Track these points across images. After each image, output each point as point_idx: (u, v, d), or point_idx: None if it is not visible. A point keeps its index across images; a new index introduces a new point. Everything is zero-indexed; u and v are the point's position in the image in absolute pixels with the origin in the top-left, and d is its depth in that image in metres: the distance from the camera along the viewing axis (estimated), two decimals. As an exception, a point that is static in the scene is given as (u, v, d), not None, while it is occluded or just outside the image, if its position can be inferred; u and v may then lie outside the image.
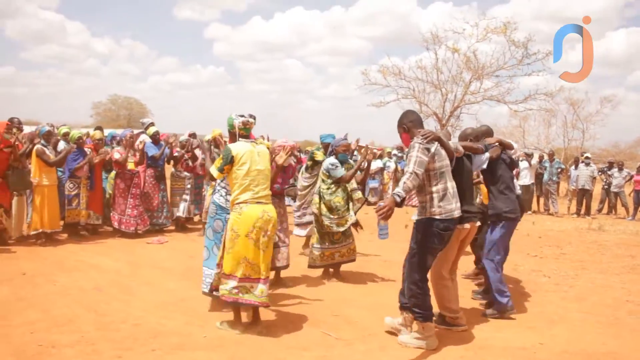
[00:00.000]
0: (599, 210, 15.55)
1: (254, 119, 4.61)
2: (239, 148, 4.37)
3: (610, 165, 15.71)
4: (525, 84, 21.28)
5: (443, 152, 4.17)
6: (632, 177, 15.12)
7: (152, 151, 8.83)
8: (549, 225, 12.58)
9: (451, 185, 4.17)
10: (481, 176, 5.48)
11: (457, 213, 4.14)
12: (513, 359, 4.04)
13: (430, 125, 18.21)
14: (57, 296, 5.17)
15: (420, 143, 3.99)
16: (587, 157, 15.31)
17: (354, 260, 6.57)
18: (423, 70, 17.52)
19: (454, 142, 4.67)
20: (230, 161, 4.32)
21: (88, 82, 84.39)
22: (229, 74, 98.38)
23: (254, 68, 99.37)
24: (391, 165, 15.45)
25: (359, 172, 6.39)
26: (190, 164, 9.52)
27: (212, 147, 9.15)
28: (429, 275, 4.27)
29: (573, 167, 15.52)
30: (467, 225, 4.48)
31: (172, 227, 9.44)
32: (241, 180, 4.32)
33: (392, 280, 6.33)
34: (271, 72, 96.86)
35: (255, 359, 3.83)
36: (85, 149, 8.17)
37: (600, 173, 15.43)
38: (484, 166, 5.07)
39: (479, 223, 4.70)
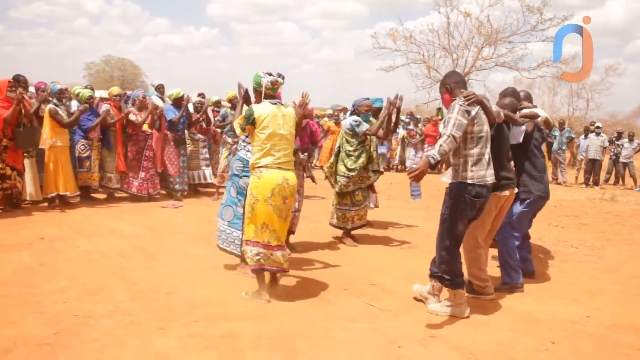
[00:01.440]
0: (606, 181, 15.46)
1: (283, 78, 4.31)
2: (262, 109, 4.12)
3: (619, 135, 15.56)
4: (537, 50, 20.96)
5: (484, 116, 3.99)
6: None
7: (171, 115, 8.51)
8: (560, 194, 12.44)
9: (487, 151, 3.97)
10: None
11: (489, 179, 3.94)
12: (565, 332, 3.90)
13: (436, 92, 17.90)
14: (81, 262, 4.96)
15: (461, 105, 3.81)
16: (597, 127, 15.11)
17: (364, 225, 6.52)
18: (435, 33, 17.05)
19: (495, 108, 4.43)
20: (252, 122, 4.09)
21: (79, 42, 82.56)
22: (223, 36, 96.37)
23: (249, 30, 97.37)
24: (400, 131, 15.19)
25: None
26: (204, 125, 9.22)
27: (230, 108, 8.92)
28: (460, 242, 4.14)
29: (582, 136, 15.35)
30: (506, 192, 4.31)
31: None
32: (262, 144, 4.09)
33: (419, 248, 6.24)
34: (266, 34, 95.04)
35: (302, 330, 3.65)
36: (104, 107, 7.82)
37: (609, 143, 15.28)
38: (520, 139, 4.85)
39: (516, 190, 4.53)
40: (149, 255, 5.34)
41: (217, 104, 10.36)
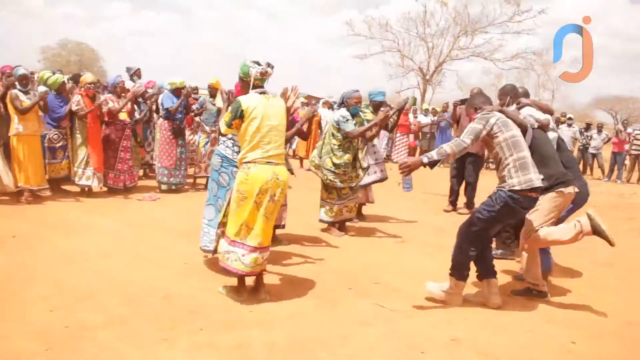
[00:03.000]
0: (575, 171, 15.71)
1: (272, 68, 4.02)
2: (250, 101, 3.82)
3: (588, 127, 15.85)
4: (511, 42, 21.15)
5: (510, 121, 4.00)
6: (610, 139, 15.30)
7: (169, 103, 8.02)
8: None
9: (528, 154, 3.92)
10: None
11: (537, 182, 3.86)
12: (583, 331, 3.78)
13: (412, 80, 17.85)
14: (62, 264, 4.53)
15: (480, 115, 3.93)
16: (569, 118, 15.32)
17: (353, 218, 6.49)
18: (411, 21, 16.89)
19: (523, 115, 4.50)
20: (239, 115, 3.80)
21: (31, 24, 78.73)
22: (184, 22, 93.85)
23: (211, 16, 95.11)
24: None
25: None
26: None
27: (209, 98, 8.52)
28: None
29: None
30: (574, 189, 4.32)
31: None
32: (250, 137, 3.80)
33: (412, 242, 6.14)
34: (229, 21, 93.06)
35: (316, 337, 3.40)
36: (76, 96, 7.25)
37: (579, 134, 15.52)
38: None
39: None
40: (135, 254, 4.95)
41: (195, 91, 9.89)
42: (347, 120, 5.85)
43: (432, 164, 3.88)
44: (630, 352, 3.52)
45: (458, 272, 4.04)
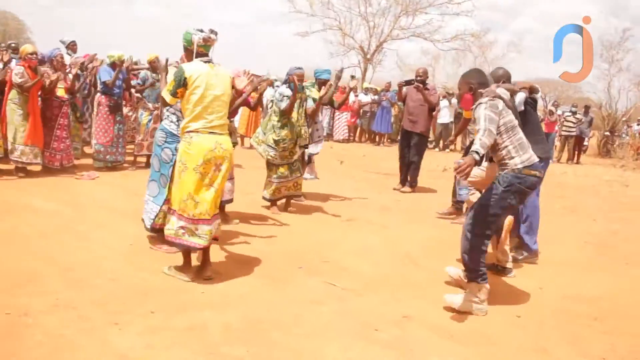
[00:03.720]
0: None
1: (216, 34, 3.95)
2: (193, 69, 3.75)
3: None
4: (450, 23, 21.48)
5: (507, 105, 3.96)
6: (542, 120, 16.02)
7: (106, 76, 7.66)
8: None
9: (522, 135, 3.88)
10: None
11: (535, 158, 3.85)
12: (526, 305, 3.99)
13: (353, 59, 17.91)
14: (-1, 246, 4.30)
15: (485, 104, 3.70)
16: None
17: (300, 195, 6.56)
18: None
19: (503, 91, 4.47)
20: (183, 84, 3.72)
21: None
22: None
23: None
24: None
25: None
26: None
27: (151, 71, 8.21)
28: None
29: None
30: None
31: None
32: (193, 106, 3.74)
33: (358, 221, 6.22)
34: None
35: (270, 318, 3.40)
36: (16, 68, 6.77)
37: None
38: (521, 108, 4.82)
39: None
40: (77, 235, 4.76)
41: (135, 65, 9.46)
42: (283, 98, 5.95)
43: (481, 159, 3.75)
44: (566, 323, 3.75)
45: (475, 273, 3.77)
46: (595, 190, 10.42)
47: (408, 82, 7.81)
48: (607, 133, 18.77)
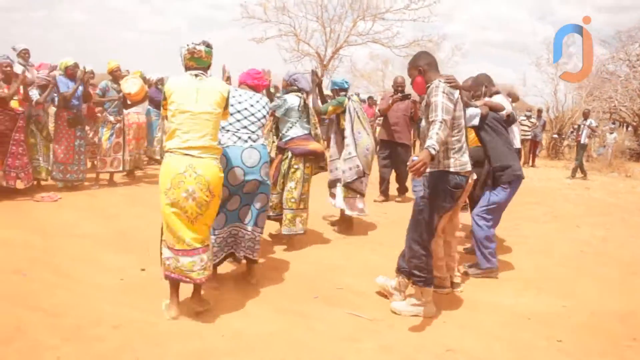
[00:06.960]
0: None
1: (209, 47, 3.58)
2: (172, 83, 3.46)
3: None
4: (407, 29, 21.64)
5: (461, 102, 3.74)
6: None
7: (64, 88, 6.96)
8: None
9: (464, 138, 3.73)
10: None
11: (469, 167, 3.72)
12: (545, 326, 3.79)
13: (307, 65, 17.62)
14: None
15: (444, 88, 3.48)
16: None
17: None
18: (309, 5, 16.61)
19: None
20: (164, 97, 3.46)
21: None
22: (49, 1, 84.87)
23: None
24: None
25: None
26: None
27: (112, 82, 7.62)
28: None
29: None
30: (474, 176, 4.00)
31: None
32: (169, 123, 3.46)
33: (351, 237, 5.98)
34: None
35: (307, 361, 3.02)
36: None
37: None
38: (475, 123, 4.70)
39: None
40: (56, 270, 4.17)
41: (91, 75, 8.56)
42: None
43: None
44: (609, 345, 3.56)
45: (421, 278, 3.72)
46: (563, 194, 10.57)
47: (405, 97, 7.55)
48: (555, 135, 19.39)
